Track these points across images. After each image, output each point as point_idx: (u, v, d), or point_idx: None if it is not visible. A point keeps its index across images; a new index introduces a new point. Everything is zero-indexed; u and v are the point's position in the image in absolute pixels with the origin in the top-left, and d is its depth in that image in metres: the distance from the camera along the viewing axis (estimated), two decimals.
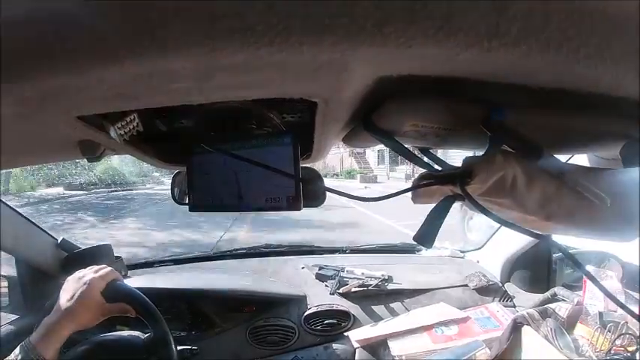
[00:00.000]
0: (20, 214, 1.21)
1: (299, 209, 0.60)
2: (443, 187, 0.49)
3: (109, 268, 0.87)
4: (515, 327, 1.03)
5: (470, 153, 0.52)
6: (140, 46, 0.28)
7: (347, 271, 1.48)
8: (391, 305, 1.38)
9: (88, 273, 0.84)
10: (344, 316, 1.33)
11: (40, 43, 0.29)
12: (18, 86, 0.33)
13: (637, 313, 1.00)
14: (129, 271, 1.43)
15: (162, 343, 0.83)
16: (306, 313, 1.32)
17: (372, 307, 1.37)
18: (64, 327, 0.76)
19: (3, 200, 1.13)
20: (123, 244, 6.10)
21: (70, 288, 0.81)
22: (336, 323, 1.31)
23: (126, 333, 0.91)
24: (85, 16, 0.27)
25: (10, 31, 0.28)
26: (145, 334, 0.89)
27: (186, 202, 0.73)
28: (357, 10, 0.25)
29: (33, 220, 1.26)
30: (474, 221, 5.10)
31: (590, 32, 0.29)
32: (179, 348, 0.87)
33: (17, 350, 0.72)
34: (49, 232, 1.32)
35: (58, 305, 0.79)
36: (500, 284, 1.47)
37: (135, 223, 9.33)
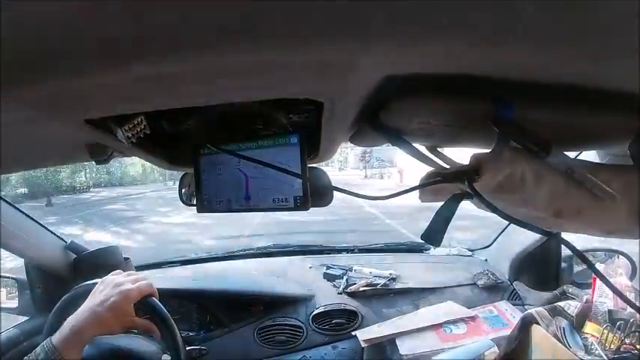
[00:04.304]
0: (29, 216, 1.22)
1: (307, 209, 0.60)
2: (451, 184, 0.49)
3: (148, 282, 0.86)
4: (524, 325, 1.02)
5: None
6: (147, 49, 0.28)
7: (355, 270, 1.48)
8: (399, 304, 1.38)
9: (126, 281, 0.82)
10: (352, 315, 1.33)
11: (48, 46, 0.29)
12: (26, 89, 0.34)
13: None
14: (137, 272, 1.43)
15: None
16: (314, 313, 1.32)
17: (380, 306, 1.37)
18: (89, 330, 0.74)
19: (10, 202, 1.14)
20: None
21: (104, 292, 0.79)
22: (344, 322, 1.31)
23: (142, 346, 0.90)
24: (93, 19, 0.27)
25: (18, 35, 0.28)
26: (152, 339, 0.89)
27: (194, 203, 0.73)
28: (364, 10, 0.25)
29: (41, 222, 1.27)
30: None
31: (598, 28, 0.29)
32: (188, 348, 0.88)
33: (38, 349, 0.70)
34: (58, 234, 1.33)
35: (86, 306, 0.77)
36: (509, 282, 1.46)
37: None
